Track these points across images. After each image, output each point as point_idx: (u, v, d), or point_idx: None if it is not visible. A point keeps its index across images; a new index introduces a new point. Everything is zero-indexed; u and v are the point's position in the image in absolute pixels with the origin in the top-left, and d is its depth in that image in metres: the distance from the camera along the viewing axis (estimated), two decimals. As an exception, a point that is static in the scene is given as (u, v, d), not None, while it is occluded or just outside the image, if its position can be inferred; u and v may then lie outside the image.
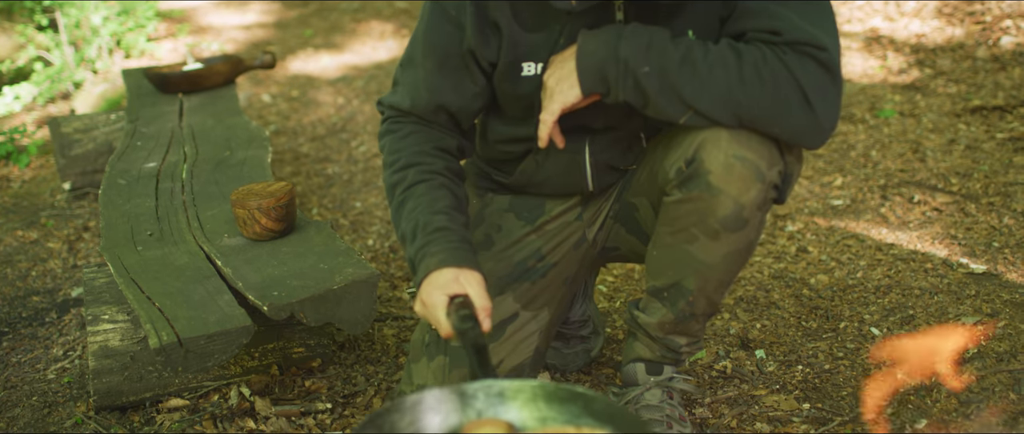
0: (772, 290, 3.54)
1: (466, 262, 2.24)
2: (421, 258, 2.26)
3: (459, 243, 2.27)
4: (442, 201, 2.34)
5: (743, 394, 2.91)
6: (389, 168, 2.44)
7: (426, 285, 2.22)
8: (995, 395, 2.78)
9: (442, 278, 2.20)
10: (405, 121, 2.48)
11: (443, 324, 2.16)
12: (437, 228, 2.28)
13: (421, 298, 2.22)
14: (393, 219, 2.43)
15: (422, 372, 2.54)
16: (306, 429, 2.87)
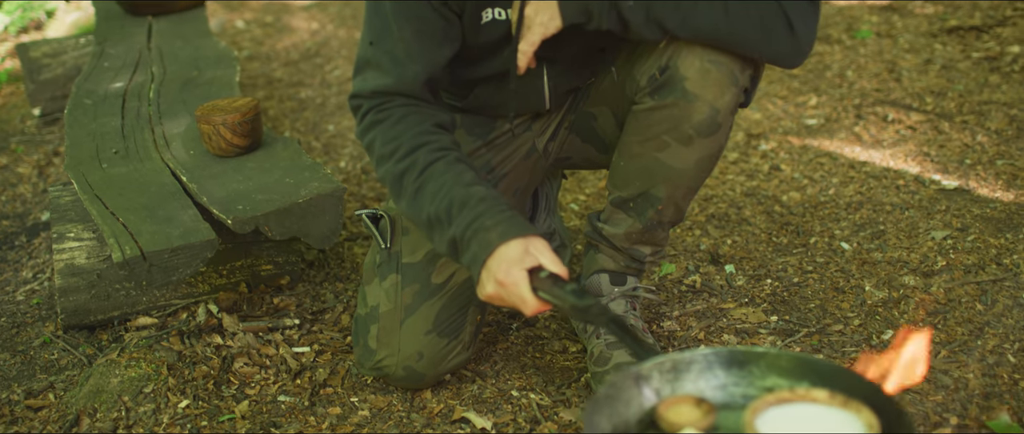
0: (744, 207, 3.53)
1: (528, 229, 2.12)
2: (473, 234, 2.11)
3: (510, 211, 2.15)
4: (468, 174, 2.21)
5: (712, 307, 2.91)
6: (389, 160, 2.27)
7: (495, 263, 2.07)
8: (961, 306, 2.79)
9: (512, 252, 2.06)
10: (391, 106, 2.29)
11: (530, 302, 2.05)
12: (481, 199, 2.15)
13: (495, 279, 2.07)
14: (409, 210, 2.26)
15: (375, 293, 2.54)
16: (274, 344, 2.86)
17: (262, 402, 2.64)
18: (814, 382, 1.79)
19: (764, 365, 1.84)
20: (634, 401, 1.79)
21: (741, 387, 1.86)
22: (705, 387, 1.85)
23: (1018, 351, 2.55)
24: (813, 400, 1.70)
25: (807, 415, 1.68)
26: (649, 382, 1.82)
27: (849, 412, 1.66)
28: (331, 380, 2.72)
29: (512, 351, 2.78)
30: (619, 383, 1.78)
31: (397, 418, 2.53)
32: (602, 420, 1.71)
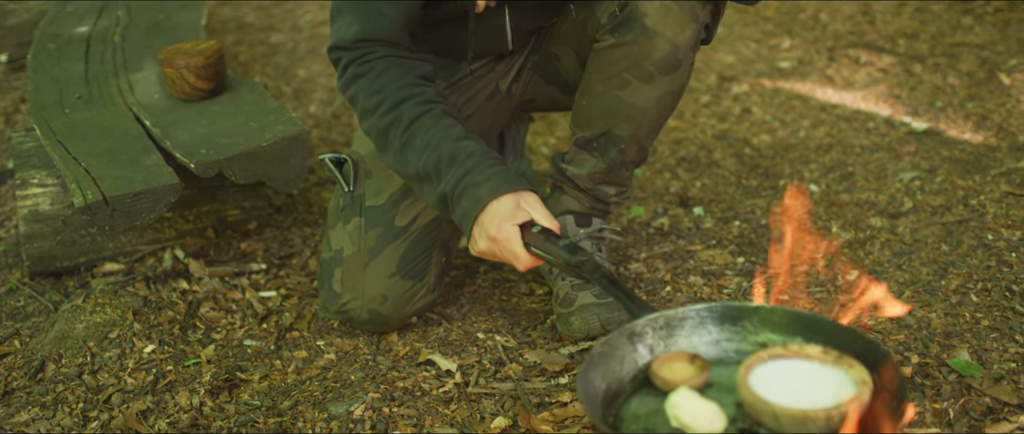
0: (714, 150, 3.52)
1: (519, 184, 2.10)
2: (464, 190, 2.09)
3: (501, 165, 2.13)
4: (456, 128, 2.18)
5: (679, 249, 2.91)
6: (373, 114, 2.22)
7: (487, 219, 2.06)
8: (927, 247, 2.79)
9: (504, 207, 2.05)
10: (372, 58, 2.24)
11: (523, 258, 2.04)
12: (470, 153, 2.12)
13: (487, 235, 2.05)
14: (395, 165, 2.23)
15: (339, 237, 2.53)
16: (240, 289, 2.85)
17: (228, 346, 2.63)
18: (807, 337, 1.80)
19: (757, 320, 1.85)
20: (628, 358, 1.80)
21: (734, 342, 1.87)
22: (698, 343, 1.86)
23: (981, 291, 2.56)
24: (806, 356, 1.71)
25: (800, 371, 1.69)
26: (643, 339, 1.82)
27: (841, 368, 1.67)
28: (297, 324, 2.72)
29: (479, 294, 2.78)
30: (613, 341, 1.79)
31: (363, 361, 2.53)
32: (597, 377, 1.72)
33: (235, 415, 2.36)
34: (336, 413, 2.34)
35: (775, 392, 1.61)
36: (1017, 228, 2.81)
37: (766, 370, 1.69)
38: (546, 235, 2.02)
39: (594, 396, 1.68)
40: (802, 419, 1.56)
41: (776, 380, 1.66)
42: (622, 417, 1.71)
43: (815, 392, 1.62)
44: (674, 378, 1.74)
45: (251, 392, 2.45)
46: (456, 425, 2.25)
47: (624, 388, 1.78)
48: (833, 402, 1.57)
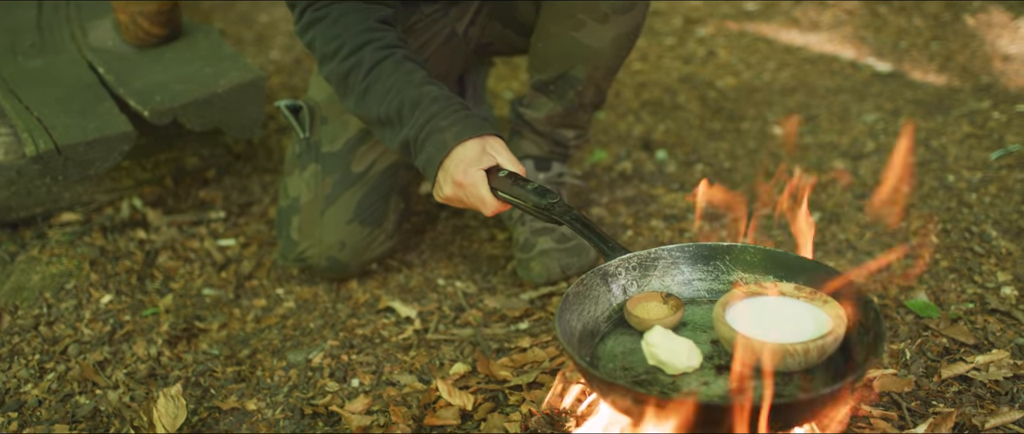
0: (678, 93, 3.50)
1: (484, 128, 2.06)
2: (428, 136, 2.05)
3: (465, 110, 2.08)
4: (418, 73, 2.13)
5: (641, 193, 2.90)
6: (332, 60, 2.17)
7: (453, 164, 2.01)
8: (890, 188, 2.79)
9: (469, 152, 2.01)
10: (329, 2, 2.18)
11: (489, 203, 2.00)
12: (433, 99, 2.07)
13: (453, 180, 2.01)
14: (356, 110, 2.18)
15: (296, 184, 2.50)
16: (199, 237, 2.82)
17: (186, 296, 2.61)
18: (780, 276, 1.79)
19: (730, 260, 1.84)
20: (602, 299, 1.80)
21: (707, 282, 1.86)
22: (671, 283, 1.86)
23: (941, 232, 2.56)
24: (780, 293, 1.70)
25: (776, 307, 1.69)
26: (616, 279, 1.82)
27: (816, 304, 1.66)
28: (257, 272, 2.69)
29: (440, 240, 2.76)
30: (588, 281, 1.78)
31: (322, 308, 2.52)
32: (572, 318, 1.71)
33: (193, 364, 2.34)
34: (295, 361, 2.33)
35: (751, 327, 1.61)
36: (978, 169, 2.81)
37: (742, 307, 1.69)
38: (513, 179, 1.99)
39: (570, 335, 1.68)
40: (781, 353, 1.55)
41: (752, 316, 1.66)
42: (598, 356, 1.71)
43: (791, 327, 1.62)
44: (648, 317, 1.74)
45: (210, 341, 2.43)
46: (415, 371, 2.24)
47: (599, 328, 1.77)
48: (810, 336, 1.57)
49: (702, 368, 1.63)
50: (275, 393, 2.23)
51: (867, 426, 1.89)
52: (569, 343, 1.62)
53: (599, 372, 1.61)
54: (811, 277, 1.73)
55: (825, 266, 1.73)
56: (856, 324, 1.63)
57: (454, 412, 2.06)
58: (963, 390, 2.00)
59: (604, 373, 1.64)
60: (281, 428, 2.11)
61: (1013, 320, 2.21)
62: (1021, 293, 2.31)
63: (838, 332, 1.56)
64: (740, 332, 1.58)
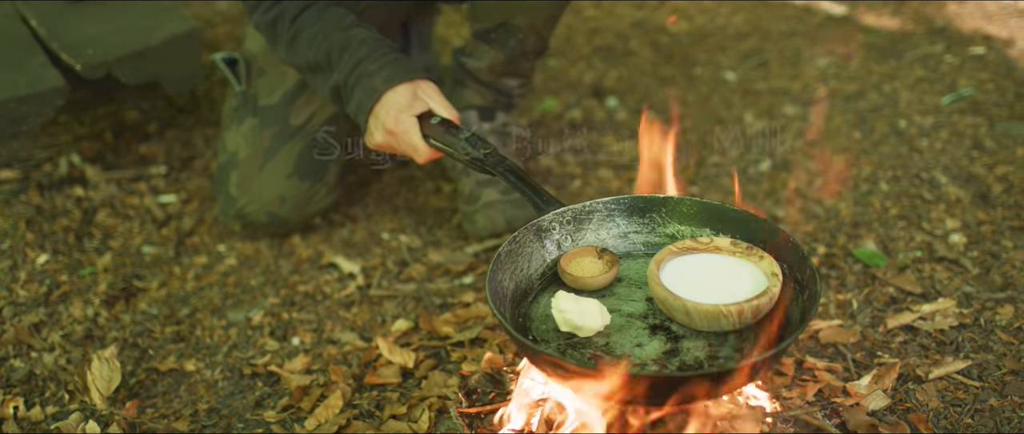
0: (631, 38, 3.45)
1: (415, 71, 1.99)
2: (357, 81, 1.99)
3: (395, 53, 2.02)
4: (346, 18, 2.06)
5: (591, 142, 2.85)
6: (259, 8, 2.11)
7: (383, 110, 1.95)
8: (840, 135, 2.76)
9: (400, 98, 1.95)
10: None
11: (421, 150, 1.94)
12: (362, 41, 2.01)
13: (383, 127, 1.96)
14: (287, 58, 2.12)
15: (233, 138, 2.44)
16: (139, 194, 2.75)
17: (125, 254, 2.54)
18: (717, 228, 1.75)
19: (666, 212, 1.80)
20: (536, 255, 1.74)
21: (643, 235, 1.81)
22: (606, 237, 1.81)
23: (891, 179, 2.54)
24: (716, 249, 1.66)
25: (711, 265, 1.64)
26: (550, 235, 1.76)
27: (752, 260, 1.62)
28: (198, 229, 2.63)
29: (385, 193, 2.71)
30: (520, 238, 1.72)
31: (264, 265, 2.47)
32: (504, 277, 1.66)
33: (131, 325, 2.28)
34: (235, 320, 2.28)
35: (686, 287, 1.57)
36: (929, 114, 2.79)
37: (676, 264, 1.65)
38: (446, 126, 1.94)
39: (502, 297, 1.63)
40: (714, 315, 1.52)
41: (687, 274, 1.61)
42: (531, 316, 1.66)
43: (726, 286, 1.58)
44: (583, 275, 1.69)
45: (149, 300, 2.38)
46: (357, 329, 2.20)
47: (533, 286, 1.72)
48: (744, 297, 1.53)
49: (636, 328, 1.59)
50: (214, 353, 2.18)
51: (812, 379, 1.87)
52: (500, 305, 1.58)
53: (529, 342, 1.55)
54: (748, 230, 1.70)
55: (763, 219, 1.69)
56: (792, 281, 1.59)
57: (395, 370, 2.03)
58: (908, 340, 1.98)
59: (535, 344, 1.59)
60: (220, 389, 2.07)
61: (960, 268, 2.19)
62: (969, 240, 2.29)
63: (773, 292, 1.53)
64: (675, 293, 1.54)
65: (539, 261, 1.73)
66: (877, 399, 1.80)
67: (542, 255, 1.74)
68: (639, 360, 1.51)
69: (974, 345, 1.95)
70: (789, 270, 1.60)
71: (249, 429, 1.94)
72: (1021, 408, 1.78)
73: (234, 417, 1.98)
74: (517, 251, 1.69)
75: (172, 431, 1.95)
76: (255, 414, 1.98)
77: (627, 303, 1.64)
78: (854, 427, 1.73)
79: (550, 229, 1.75)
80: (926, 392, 1.82)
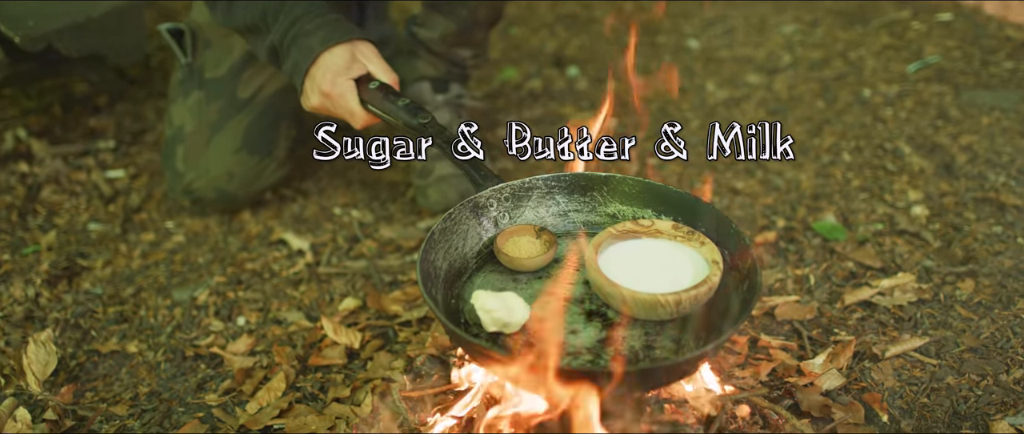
0: (594, 7, 3.38)
1: (353, 32, 1.92)
2: (293, 41, 1.91)
3: (332, 12, 1.95)
4: None
5: (550, 112, 2.79)
6: None
7: (319, 72, 1.88)
8: (802, 104, 2.70)
9: (337, 59, 1.88)
10: None
11: (358, 115, 1.87)
12: (299, 1, 1.94)
13: (320, 90, 1.88)
14: (226, 22, 2.05)
15: (180, 112, 2.36)
16: (86, 169, 2.68)
17: (71, 232, 2.47)
18: (659, 210, 1.69)
19: (607, 191, 1.74)
20: (471, 233, 1.68)
21: (583, 214, 1.75)
22: (546, 215, 1.75)
23: (854, 150, 2.49)
24: (657, 233, 1.61)
25: (650, 249, 1.59)
26: (487, 212, 1.70)
27: (693, 245, 1.57)
28: (146, 205, 2.57)
29: (338, 166, 2.64)
30: (456, 215, 1.66)
31: (213, 242, 2.40)
32: (438, 257, 1.60)
33: (73, 305, 2.22)
34: (180, 299, 2.22)
35: (625, 273, 1.51)
36: (895, 82, 2.73)
37: (616, 249, 1.59)
38: (385, 92, 1.86)
39: (434, 278, 1.57)
40: (652, 304, 1.46)
41: (626, 259, 1.56)
42: (465, 297, 1.60)
43: (666, 273, 1.52)
44: (519, 255, 1.63)
45: (93, 279, 2.31)
46: (303, 308, 2.14)
47: (468, 266, 1.66)
48: (683, 285, 1.48)
49: (572, 313, 1.54)
50: (158, 334, 2.12)
51: (766, 358, 1.82)
52: (431, 287, 1.52)
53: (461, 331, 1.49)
54: (690, 213, 1.64)
55: (706, 203, 1.64)
56: (733, 270, 1.54)
57: (340, 351, 1.97)
58: (866, 316, 1.93)
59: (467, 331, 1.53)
60: (162, 372, 2.01)
61: (922, 241, 2.15)
62: (932, 212, 2.24)
63: (713, 281, 1.47)
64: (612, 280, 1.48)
65: (475, 239, 1.67)
66: (832, 378, 1.75)
67: (478, 233, 1.68)
68: (572, 349, 1.45)
69: (933, 321, 1.91)
70: (731, 258, 1.54)
71: (190, 413, 1.88)
72: (978, 386, 1.74)
73: (175, 401, 1.92)
74: (452, 229, 1.63)
75: (108, 416, 1.89)
76: (197, 397, 1.92)
77: (564, 286, 1.59)
78: (807, 408, 1.68)
79: (487, 206, 1.69)
80: (882, 371, 1.78)
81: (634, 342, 1.46)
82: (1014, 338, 1.84)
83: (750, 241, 1.53)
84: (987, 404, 1.70)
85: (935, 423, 1.67)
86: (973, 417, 1.68)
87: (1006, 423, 1.65)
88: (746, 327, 1.90)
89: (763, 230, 2.21)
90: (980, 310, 1.93)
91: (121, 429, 1.86)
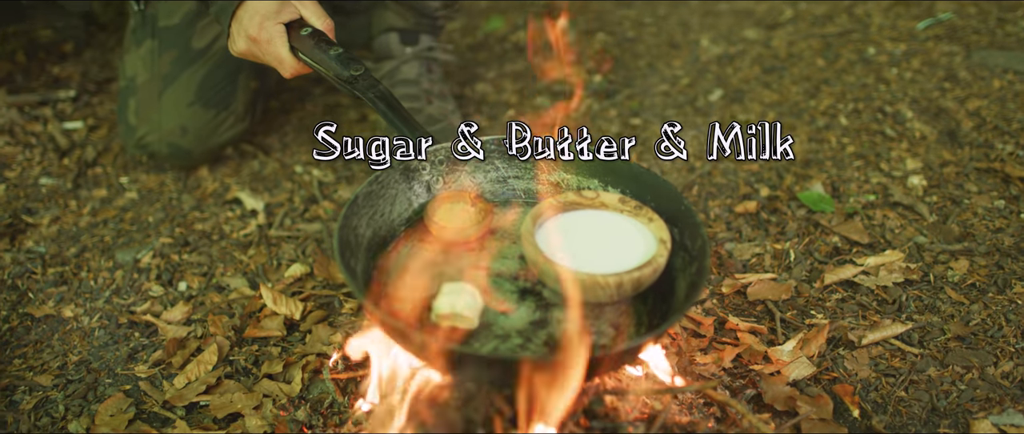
0: (591, -46, 3.20)
1: None
2: None
3: None
4: None
5: (526, 69, 2.63)
6: None
7: (247, 15, 1.74)
8: (802, 61, 2.53)
9: (266, 2, 1.73)
10: None
11: (287, 63, 1.73)
12: None
13: (246, 34, 1.75)
14: None
15: (132, 62, 2.22)
16: (42, 120, 2.55)
17: (21, 186, 2.35)
18: (606, 180, 1.55)
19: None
20: (400, 198, 1.54)
21: (524, 181, 1.61)
22: (483, 181, 1.60)
23: (852, 112, 2.31)
24: (602, 205, 1.46)
25: (594, 224, 1.44)
26: (419, 176, 1.55)
27: (640, 220, 1.42)
28: (102, 158, 2.44)
29: (306, 121, 2.50)
30: (384, 178, 1.52)
31: (166, 199, 2.27)
32: (360, 223, 1.45)
33: (12, 265, 2.10)
34: (123, 261, 2.09)
35: (564, 248, 1.37)
36: (902, 40, 2.55)
37: (557, 222, 1.44)
38: (317, 40, 1.71)
39: (354, 246, 1.43)
40: (590, 285, 1.32)
41: (567, 233, 1.41)
42: (388, 269, 1.46)
43: (609, 251, 1.38)
44: (451, 225, 1.49)
45: (37, 237, 2.19)
46: (249, 274, 2.01)
47: (395, 232, 1.52)
48: (626, 266, 1.33)
49: (505, 291, 1.40)
50: (96, 298, 2.00)
51: (733, 341, 1.67)
52: (350, 256, 1.38)
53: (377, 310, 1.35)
54: (638, 186, 1.49)
55: (658, 176, 1.49)
56: (681, 249, 1.39)
57: (278, 322, 1.84)
58: (847, 297, 1.78)
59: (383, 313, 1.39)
60: (95, 339, 1.89)
61: (916, 215, 1.98)
62: (930, 183, 2.07)
63: (658, 263, 1.32)
64: (548, 257, 1.34)
65: (404, 205, 1.53)
66: (801, 367, 1.60)
67: (408, 199, 1.53)
68: (502, 331, 1.31)
69: (919, 305, 1.75)
70: (680, 236, 1.39)
71: (116, 385, 1.76)
72: (962, 380, 1.58)
73: (103, 371, 1.80)
74: (379, 193, 1.49)
75: (32, 386, 1.77)
76: (126, 369, 1.80)
77: (499, 260, 1.44)
78: (771, 399, 1.54)
79: (420, 169, 1.54)
80: (857, 360, 1.63)
81: (569, 325, 1.31)
82: (1007, 326, 1.68)
83: (700, 219, 1.38)
84: (970, 400, 1.55)
85: (911, 420, 1.52)
86: (953, 414, 1.52)
87: (989, 422, 1.50)
88: (714, 307, 1.75)
89: (744, 199, 2.05)
90: (973, 293, 1.77)
91: (42, 400, 1.74)
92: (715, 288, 1.80)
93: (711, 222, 1.98)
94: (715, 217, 1.99)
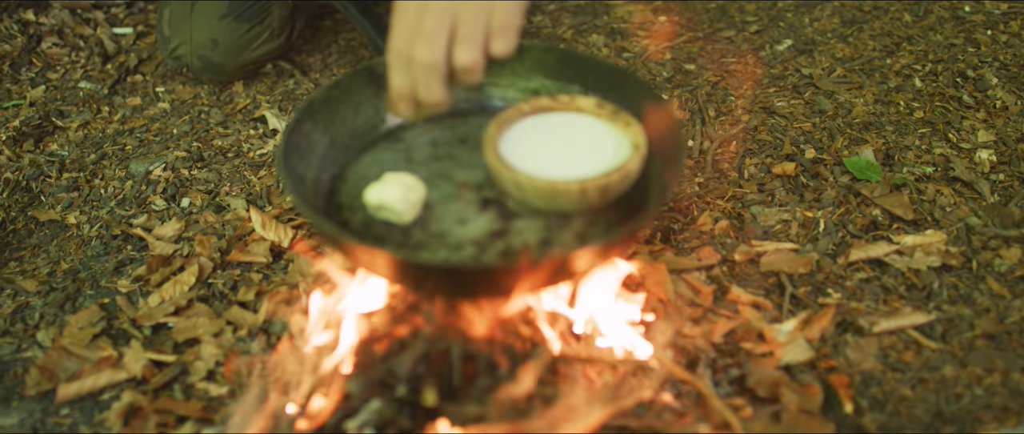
0: None
1: None
2: None
3: None
4: None
5: (594, 3, 2.46)
6: None
7: None
8: (887, 15, 2.31)
9: None
10: None
11: None
12: None
13: None
14: None
15: None
16: (93, 23, 2.52)
17: (62, 88, 2.33)
18: (586, 85, 1.41)
19: (529, 63, 1.46)
20: (365, 106, 1.43)
21: (501, 88, 1.48)
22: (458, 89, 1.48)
23: (928, 74, 2.09)
24: (577, 109, 1.32)
25: (566, 128, 1.31)
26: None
27: (617, 126, 1.29)
28: (144, 66, 2.39)
29: (353, 44, 2.41)
30: (346, 83, 1.41)
31: (197, 112, 2.21)
32: (316, 129, 1.35)
33: (29, 167, 2.07)
34: (136, 171, 2.04)
35: (529, 155, 1.24)
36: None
37: (525, 126, 1.31)
38: None
39: (306, 152, 1.32)
40: (550, 192, 1.19)
41: (535, 139, 1.28)
42: (346, 178, 1.35)
43: (578, 157, 1.24)
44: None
45: (63, 141, 2.16)
46: (253, 195, 1.93)
47: (354, 143, 1.41)
48: (594, 171, 1.20)
49: (467, 200, 1.28)
50: (101, 207, 1.95)
51: (733, 313, 1.52)
52: (298, 162, 1.28)
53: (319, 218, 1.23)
54: (621, 91, 1.35)
55: (639, 79, 1.34)
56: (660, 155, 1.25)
57: (264, 248, 1.76)
58: (872, 277, 1.60)
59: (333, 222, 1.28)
60: (90, 248, 1.84)
61: (974, 193, 1.77)
62: (1000, 159, 1.85)
63: (629, 169, 1.18)
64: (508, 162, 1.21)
65: (369, 113, 1.41)
66: (797, 350, 1.44)
67: (375, 105, 1.42)
68: (456, 241, 1.20)
69: (953, 294, 1.56)
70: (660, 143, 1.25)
71: (97, 297, 1.71)
72: (981, 383, 1.40)
73: (88, 282, 1.75)
74: (340, 99, 1.38)
75: (17, 291, 1.74)
76: (110, 281, 1.74)
77: (463, 169, 1.33)
78: (754, 383, 1.38)
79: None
80: (863, 349, 1.45)
81: (530, 236, 1.20)
82: (1047, 326, 1.48)
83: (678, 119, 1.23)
84: (984, 407, 1.36)
85: (910, 422, 1.34)
86: (959, 421, 1.34)
87: (997, 434, 1.31)
88: (721, 275, 1.59)
89: (785, 160, 1.87)
90: (1019, 287, 1.56)
91: (22, 306, 1.70)
92: (727, 254, 1.64)
93: (743, 182, 1.81)
94: (749, 177, 1.82)
